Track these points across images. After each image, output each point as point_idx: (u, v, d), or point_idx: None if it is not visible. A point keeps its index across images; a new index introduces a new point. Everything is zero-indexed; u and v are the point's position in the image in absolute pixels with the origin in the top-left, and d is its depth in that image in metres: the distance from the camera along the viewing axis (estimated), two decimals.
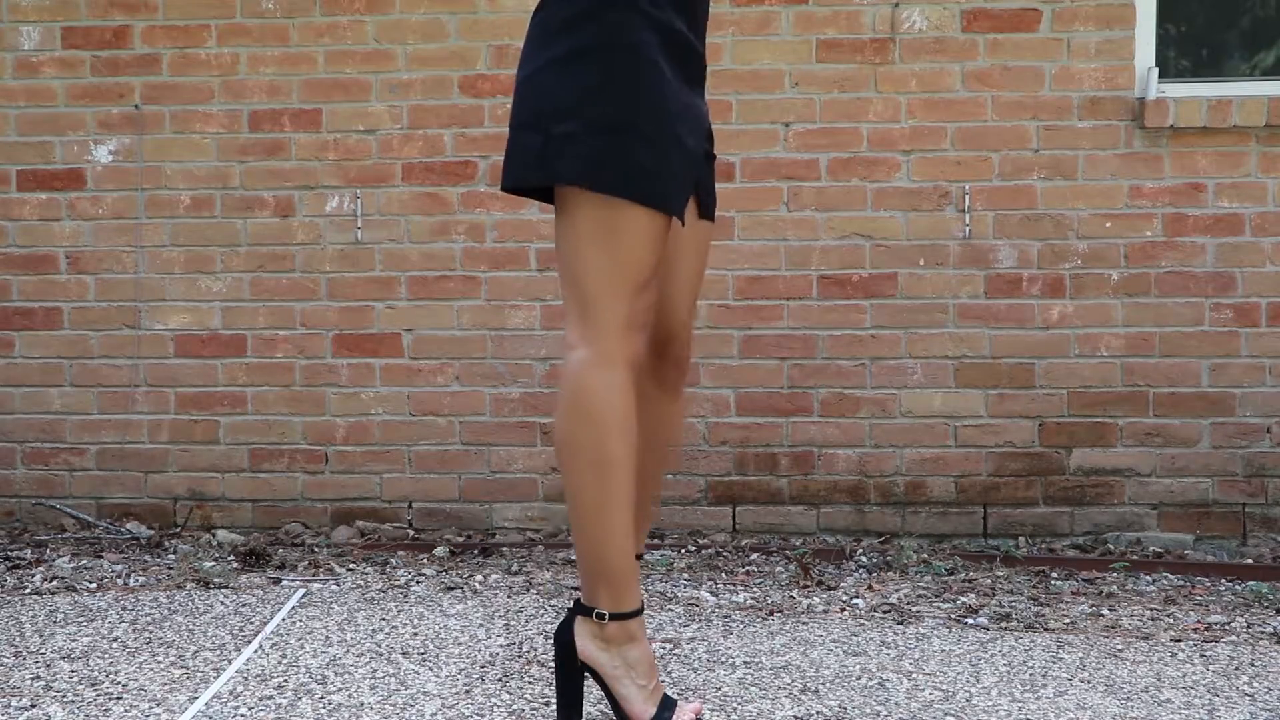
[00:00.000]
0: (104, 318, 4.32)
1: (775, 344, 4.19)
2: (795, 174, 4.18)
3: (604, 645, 2.03)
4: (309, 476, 4.30)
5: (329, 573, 3.59)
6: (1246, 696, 2.45)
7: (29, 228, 4.33)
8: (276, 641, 2.74)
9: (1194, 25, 4.36)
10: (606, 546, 1.99)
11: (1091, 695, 2.42)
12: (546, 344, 4.21)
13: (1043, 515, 4.15)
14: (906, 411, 4.17)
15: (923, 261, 4.16)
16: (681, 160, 1.96)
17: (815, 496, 4.19)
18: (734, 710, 2.26)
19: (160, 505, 4.31)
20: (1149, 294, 4.13)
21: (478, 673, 2.48)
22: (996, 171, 4.15)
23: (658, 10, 1.95)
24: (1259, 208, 4.11)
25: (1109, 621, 3.11)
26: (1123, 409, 4.14)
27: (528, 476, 4.24)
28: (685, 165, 1.98)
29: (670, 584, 3.48)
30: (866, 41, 4.16)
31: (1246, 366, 4.12)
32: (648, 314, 2.02)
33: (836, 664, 2.61)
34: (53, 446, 4.34)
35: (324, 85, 4.26)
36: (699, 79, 2.05)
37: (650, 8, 1.94)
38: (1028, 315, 4.15)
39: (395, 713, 2.22)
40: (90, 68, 4.31)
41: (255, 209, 4.29)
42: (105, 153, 4.31)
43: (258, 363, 4.30)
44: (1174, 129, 4.09)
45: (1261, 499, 4.12)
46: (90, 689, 2.37)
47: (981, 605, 3.25)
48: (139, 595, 3.26)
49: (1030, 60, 4.14)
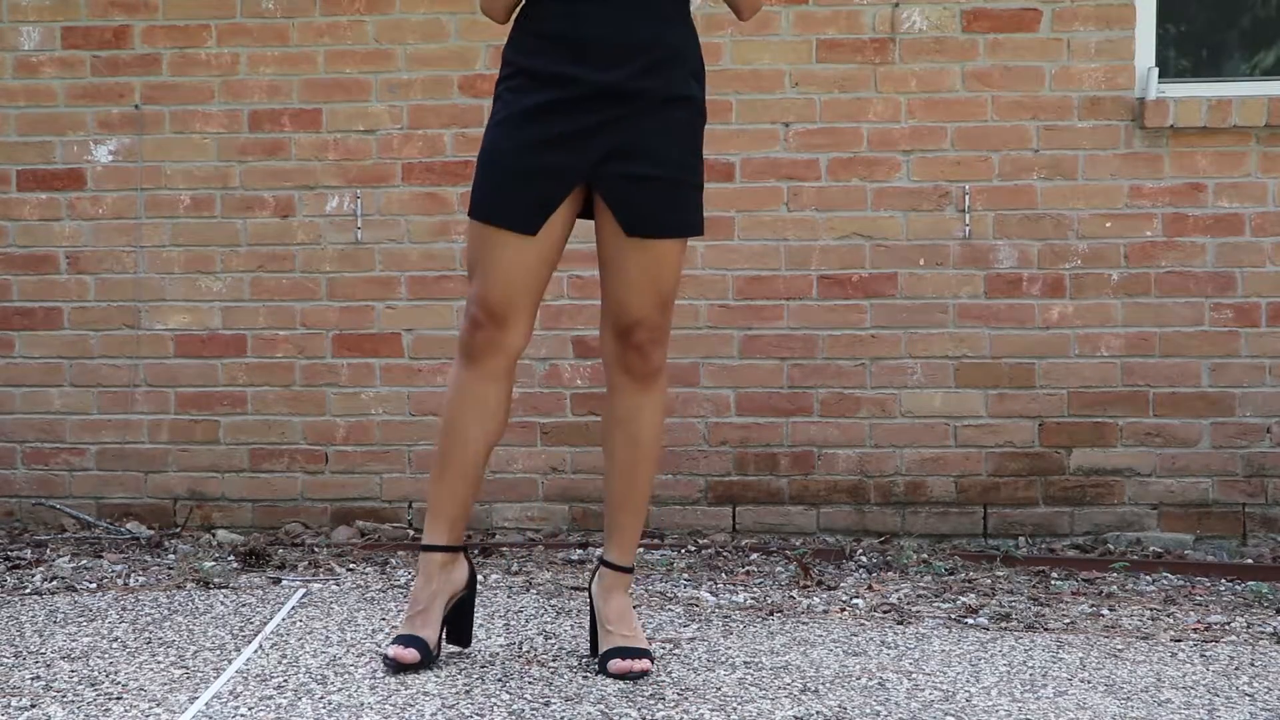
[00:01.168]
0: (104, 318, 4.32)
1: (775, 344, 4.19)
2: (795, 174, 4.18)
3: None
4: (309, 476, 4.30)
5: (329, 573, 3.59)
6: (1246, 696, 2.45)
7: (29, 228, 4.33)
8: (276, 641, 2.74)
9: (1194, 25, 4.36)
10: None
11: (1091, 695, 2.42)
12: (546, 344, 4.21)
13: (1043, 515, 4.15)
14: (906, 411, 4.17)
15: (923, 261, 4.16)
16: (528, 182, 2.35)
17: (815, 496, 4.19)
18: (734, 710, 2.26)
19: (160, 505, 4.32)
20: (1149, 294, 4.13)
21: (478, 673, 2.48)
22: (996, 171, 4.15)
23: (539, 61, 2.35)
24: (1259, 208, 4.11)
25: (1109, 621, 3.12)
26: (1123, 409, 4.14)
27: (527, 476, 4.24)
28: (533, 185, 2.35)
29: (670, 584, 3.48)
30: (866, 41, 4.16)
31: (1247, 366, 4.12)
32: (484, 312, 2.37)
33: (836, 664, 2.61)
34: (53, 446, 4.34)
35: (324, 85, 4.26)
36: (625, 101, 2.32)
37: (532, 61, 2.36)
38: (1028, 315, 4.15)
39: (395, 713, 2.22)
40: (90, 68, 4.31)
41: (255, 209, 4.29)
42: (105, 153, 4.31)
43: (258, 363, 4.30)
44: (1174, 129, 4.09)
45: (1261, 499, 4.12)
46: (90, 689, 2.37)
47: (981, 605, 3.25)
48: (139, 595, 3.26)
49: (1030, 60, 4.14)
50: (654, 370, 2.48)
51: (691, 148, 2.43)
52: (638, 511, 2.55)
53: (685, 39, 2.42)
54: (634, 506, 2.54)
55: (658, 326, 2.45)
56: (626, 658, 2.44)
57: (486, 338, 2.39)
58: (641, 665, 2.44)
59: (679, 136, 2.40)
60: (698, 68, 2.44)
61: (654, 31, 2.35)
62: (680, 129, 2.40)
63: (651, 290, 2.43)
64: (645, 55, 2.34)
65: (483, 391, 2.44)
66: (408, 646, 2.44)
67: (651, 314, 2.43)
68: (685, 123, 2.41)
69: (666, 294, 2.45)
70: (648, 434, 2.50)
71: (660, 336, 2.47)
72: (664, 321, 2.46)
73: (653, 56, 2.34)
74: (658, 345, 2.47)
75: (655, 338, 2.46)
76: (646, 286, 2.42)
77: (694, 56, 2.43)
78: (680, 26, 2.41)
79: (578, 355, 4.23)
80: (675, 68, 2.38)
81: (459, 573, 2.56)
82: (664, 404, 2.54)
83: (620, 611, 2.51)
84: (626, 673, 2.43)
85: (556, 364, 4.23)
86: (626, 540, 2.55)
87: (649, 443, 2.51)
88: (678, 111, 2.39)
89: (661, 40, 2.36)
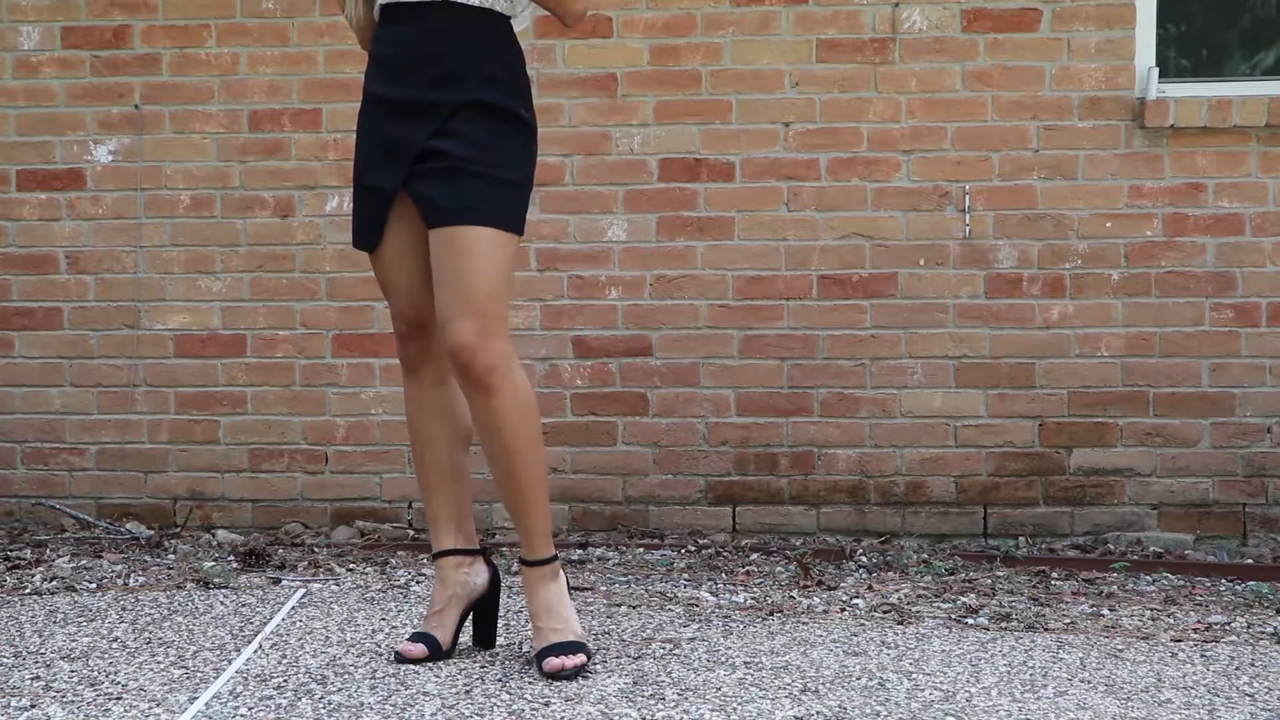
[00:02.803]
0: (104, 318, 4.32)
1: (775, 344, 4.19)
2: (795, 174, 4.18)
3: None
4: (309, 476, 4.30)
5: (329, 573, 3.59)
6: (1247, 697, 2.45)
7: (29, 228, 4.33)
8: (276, 641, 2.74)
9: (1194, 25, 4.36)
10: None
11: (1092, 695, 2.42)
12: (546, 344, 4.21)
13: (1043, 515, 4.15)
14: (907, 411, 4.17)
15: (923, 261, 4.16)
16: (364, 202, 2.57)
17: (815, 496, 4.19)
18: (734, 710, 2.26)
19: (160, 505, 4.31)
20: (1149, 294, 4.13)
21: (478, 673, 2.48)
22: (997, 171, 4.15)
23: (371, 84, 2.52)
24: (1259, 208, 4.11)
25: (1109, 621, 3.12)
26: (1123, 409, 4.14)
27: None
28: (366, 204, 2.56)
29: (670, 584, 3.48)
30: (866, 41, 4.16)
31: (1247, 366, 4.12)
32: (404, 325, 2.56)
33: (836, 664, 2.61)
34: (52, 446, 4.34)
35: (324, 85, 4.26)
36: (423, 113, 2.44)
37: (369, 85, 2.53)
38: (1028, 315, 4.15)
39: (395, 713, 2.22)
40: (90, 68, 4.31)
41: (255, 209, 4.29)
42: (105, 153, 4.31)
43: (258, 363, 4.30)
44: (1174, 129, 4.09)
45: (1262, 499, 4.12)
46: (90, 689, 2.37)
47: (982, 605, 3.25)
48: (139, 595, 3.26)
49: (1030, 60, 4.14)
50: (481, 372, 2.39)
51: (496, 147, 2.43)
52: (526, 505, 2.47)
53: (483, 50, 2.45)
54: (520, 501, 2.47)
55: (451, 326, 2.39)
56: (559, 654, 2.42)
57: (414, 347, 2.57)
58: (574, 661, 2.42)
59: (477, 137, 2.42)
60: (496, 73, 2.44)
61: (443, 47, 2.43)
62: (477, 130, 2.42)
63: (457, 288, 2.38)
64: (435, 68, 2.43)
65: (429, 396, 2.58)
66: (416, 642, 2.53)
67: (459, 314, 2.38)
68: (480, 123, 2.43)
69: (472, 290, 2.38)
70: (505, 431, 2.42)
71: (474, 340, 2.38)
72: (481, 324, 2.38)
73: (443, 69, 2.43)
74: (477, 351, 2.38)
75: (468, 341, 2.38)
76: (452, 283, 2.39)
77: (493, 64, 2.45)
78: (477, 39, 2.45)
79: (578, 355, 4.23)
80: (468, 77, 2.43)
81: (477, 576, 2.61)
82: (516, 396, 2.42)
83: (546, 605, 2.48)
84: (559, 671, 2.40)
85: (556, 364, 4.23)
86: (527, 535, 2.49)
87: (508, 436, 2.42)
88: (473, 114, 2.43)
89: (450, 54, 2.43)
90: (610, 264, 4.21)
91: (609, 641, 2.76)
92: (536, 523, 2.50)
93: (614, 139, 4.21)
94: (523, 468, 2.46)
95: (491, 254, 2.41)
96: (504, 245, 2.43)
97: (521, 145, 2.49)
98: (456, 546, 2.60)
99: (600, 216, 4.22)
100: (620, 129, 4.20)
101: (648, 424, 4.21)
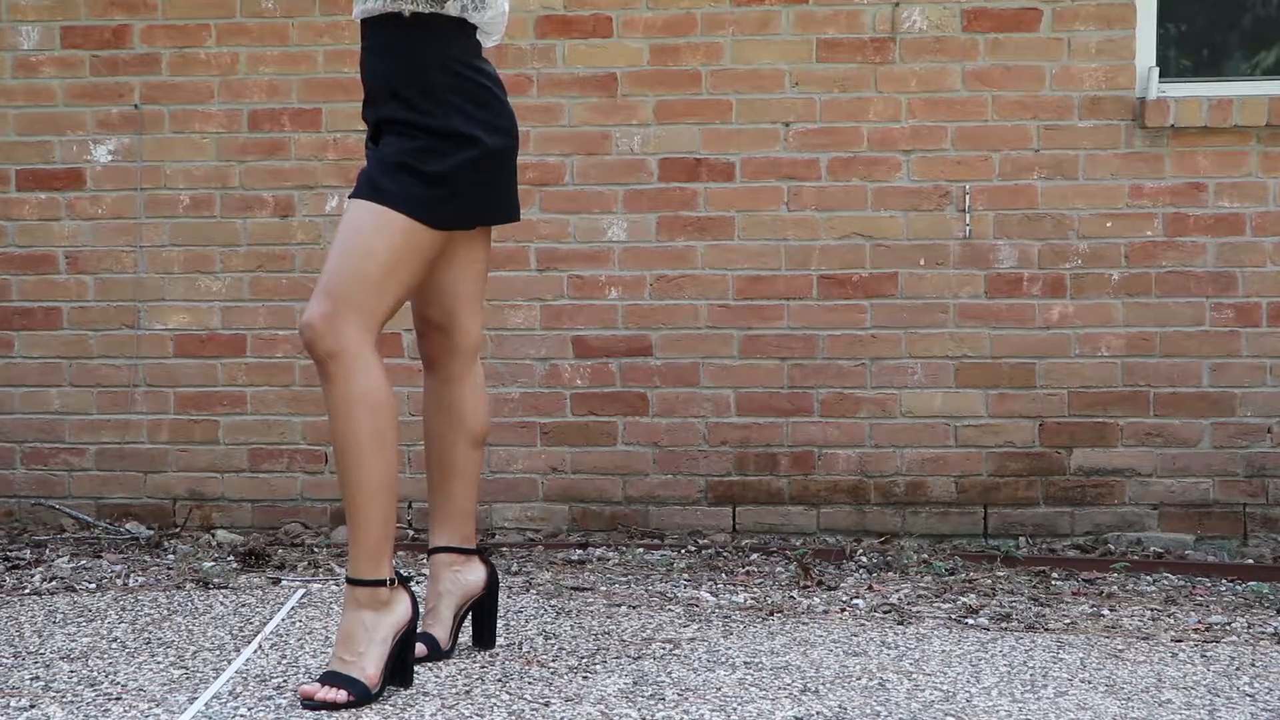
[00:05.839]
0: (103, 318, 4.32)
1: (775, 344, 4.19)
2: (795, 174, 4.18)
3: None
4: (309, 476, 4.29)
5: (329, 573, 3.59)
6: (1247, 697, 2.45)
7: (28, 228, 4.33)
8: (276, 642, 2.73)
9: (1194, 25, 4.36)
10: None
11: (1092, 695, 2.42)
12: (546, 344, 4.21)
13: (1043, 515, 4.15)
14: (907, 411, 4.17)
15: (923, 261, 4.16)
16: None
17: (815, 496, 4.19)
18: (734, 710, 2.26)
19: (160, 505, 4.31)
20: (1149, 294, 4.13)
21: (478, 673, 2.48)
22: (997, 171, 4.15)
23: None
24: (1259, 207, 4.11)
25: (1109, 622, 3.11)
26: (1123, 409, 4.14)
27: (527, 476, 4.24)
28: None
29: (670, 584, 3.47)
30: (866, 41, 4.16)
31: (1247, 366, 4.12)
32: (420, 321, 2.65)
33: (837, 664, 2.61)
34: (52, 446, 4.34)
35: (324, 85, 4.26)
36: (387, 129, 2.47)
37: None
38: (1028, 315, 4.14)
39: (395, 713, 2.22)
40: (90, 67, 4.31)
41: (255, 209, 4.29)
42: (105, 152, 4.31)
43: (257, 363, 4.30)
44: (1174, 129, 4.09)
45: (1262, 499, 4.11)
46: (89, 689, 2.37)
47: (982, 605, 3.25)
48: (138, 595, 3.26)
49: (1031, 60, 4.14)
50: (320, 357, 2.31)
51: (399, 144, 2.42)
52: (350, 510, 2.32)
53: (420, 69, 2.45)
54: (346, 505, 2.33)
55: (316, 311, 2.30)
56: (326, 682, 2.26)
57: (428, 343, 2.65)
58: (328, 695, 2.24)
59: (390, 142, 2.44)
60: (430, 85, 2.42)
61: (390, 69, 2.46)
62: (389, 137, 2.45)
63: (327, 265, 2.36)
64: (388, 87, 2.47)
65: (440, 392, 2.65)
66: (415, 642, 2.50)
67: (317, 291, 2.33)
68: (393, 132, 2.44)
69: (334, 270, 2.33)
70: (336, 423, 2.33)
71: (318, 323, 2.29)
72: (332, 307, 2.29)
73: (392, 88, 2.46)
74: (320, 335, 2.29)
75: (311, 322, 2.30)
76: (328, 259, 2.38)
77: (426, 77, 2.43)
78: (417, 60, 2.45)
79: (578, 355, 4.22)
80: (412, 95, 2.43)
81: (471, 575, 2.62)
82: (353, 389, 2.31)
83: (346, 632, 2.31)
84: (308, 698, 2.24)
85: (556, 364, 4.23)
86: (351, 546, 2.34)
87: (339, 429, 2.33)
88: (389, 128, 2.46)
89: (398, 75, 2.45)
90: (610, 264, 4.21)
91: (609, 641, 2.76)
92: (359, 533, 2.31)
93: (614, 139, 4.21)
94: (350, 467, 2.30)
95: (371, 236, 2.34)
96: (388, 228, 2.34)
97: (431, 147, 2.41)
98: (450, 545, 2.62)
99: (600, 216, 4.21)
100: (620, 129, 4.20)
101: (648, 424, 4.21)
